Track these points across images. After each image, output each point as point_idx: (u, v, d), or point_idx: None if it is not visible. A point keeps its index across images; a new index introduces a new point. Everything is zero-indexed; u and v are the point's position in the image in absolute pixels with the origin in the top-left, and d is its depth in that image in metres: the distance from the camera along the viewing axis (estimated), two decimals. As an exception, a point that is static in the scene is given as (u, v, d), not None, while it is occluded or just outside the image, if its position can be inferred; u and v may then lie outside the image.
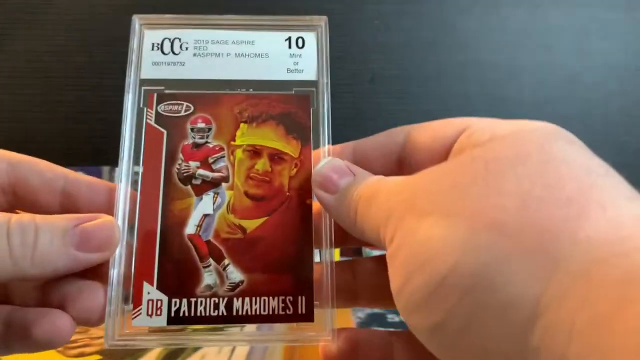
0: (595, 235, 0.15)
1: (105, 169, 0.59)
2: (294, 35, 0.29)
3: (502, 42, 0.55)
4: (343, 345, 0.24)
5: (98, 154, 0.57)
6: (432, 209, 0.18)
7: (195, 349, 0.46)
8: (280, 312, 0.25)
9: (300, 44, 0.29)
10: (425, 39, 0.54)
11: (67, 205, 0.26)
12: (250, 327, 0.25)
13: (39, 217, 0.23)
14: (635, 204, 0.16)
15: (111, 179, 0.59)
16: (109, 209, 0.25)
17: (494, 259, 0.16)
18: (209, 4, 0.56)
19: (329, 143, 0.27)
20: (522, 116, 0.21)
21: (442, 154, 0.23)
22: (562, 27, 0.56)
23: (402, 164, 0.25)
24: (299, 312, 0.25)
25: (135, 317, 0.24)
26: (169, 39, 0.28)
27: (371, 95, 0.50)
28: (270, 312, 0.25)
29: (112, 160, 0.58)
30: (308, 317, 0.25)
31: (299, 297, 0.25)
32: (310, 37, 0.29)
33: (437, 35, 0.55)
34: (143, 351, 0.46)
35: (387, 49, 0.52)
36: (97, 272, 0.24)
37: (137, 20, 0.28)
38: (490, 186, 0.17)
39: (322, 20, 0.29)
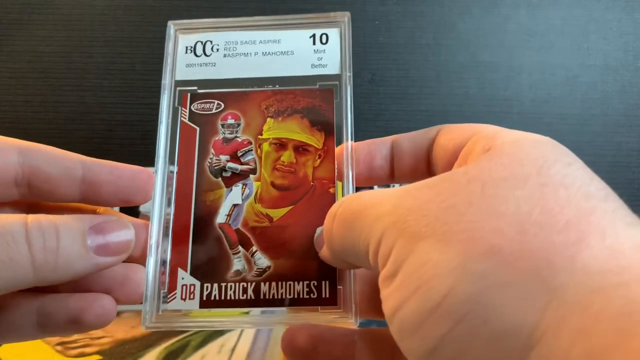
0: (593, 264, 0.15)
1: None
2: (318, 32, 0.30)
3: (501, 43, 0.55)
4: (304, 341, 0.24)
5: (98, 154, 0.57)
6: (426, 232, 0.17)
7: (195, 349, 0.48)
8: (305, 296, 0.26)
9: (324, 40, 0.30)
10: (425, 40, 0.55)
11: (89, 193, 0.25)
12: (276, 311, 0.26)
13: (55, 218, 0.22)
14: (636, 231, 0.16)
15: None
16: (134, 193, 0.26)
17: (489, 286, 0.16)
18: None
19: (351, 134, 0.28)
20: (522, 116, 0.21)
21: (453, 159, 0.23)
22: (561, 27, 0.56)
23: (429, 162, 0.25)
24: (323, 295, 0.26)
25: (170, 301, 0.26)
26: (201, 42, 0.30)
27: (371, 95, 0.50)
28: (296, 296, 0.26)
29: (112, 160, 0.59)
30: (331, 300, 0.25)
31: (323, 282, 0.26)
32: (333, 33, 0.30)
33: (437, 36, 0.55)
34: (143, 351, 0.48)
35: (387, 49, 0.53)
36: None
37: (172, 26, 0.30)
38: (487, 210, 0.17)
39: (344, 16, 0.30)
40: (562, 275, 0.15)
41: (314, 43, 0.30)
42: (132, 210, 0.59)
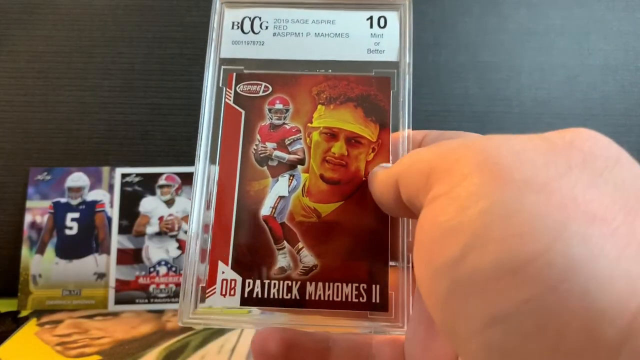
0: None
1: (105, 169, 0.58)
2: (376, 14, 0.28)
3: (502, 42, 0.55)
4: (275, 346, 0.23)
5: (98, 154, 0.58)
6: (520, 177, 0.15)
7: (195, 349, 0.47)
8: (354, 300, 0.24)
9: (382, 24, 0.28)
10: (425, 40, 0.55)
11: None
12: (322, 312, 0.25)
13: None
14: None
15: (111, 179, 0.59)
16: None
17: (589, 253, 0.14)
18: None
19: (409, 127, 0.26)
20: (522, 116, 0.20)
21: None
22: (562, 27, 0.56)
23: None
24: (373, 300, 0.24)
25: (209, 296, 0.24)
26: (249, 18, 0.28)
27: (371, 95, 0.50)
28: (344, 299, 0.24)
29: (112, 161, 0.60)
30: (382, 306, 0.24)
31: (374, 285, 0.24)
32: (392, 17, 0.28)
33: (437, 36, 0.55)
34: (143, 351, 0.47)
35: (387, 49, 0.54)
36: None
37: (217, -2, 0.28)
38: (588, 180, 0.15)
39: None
40: None
41: (371, 26, 0.28)
42: (131, 210, 0.58)
